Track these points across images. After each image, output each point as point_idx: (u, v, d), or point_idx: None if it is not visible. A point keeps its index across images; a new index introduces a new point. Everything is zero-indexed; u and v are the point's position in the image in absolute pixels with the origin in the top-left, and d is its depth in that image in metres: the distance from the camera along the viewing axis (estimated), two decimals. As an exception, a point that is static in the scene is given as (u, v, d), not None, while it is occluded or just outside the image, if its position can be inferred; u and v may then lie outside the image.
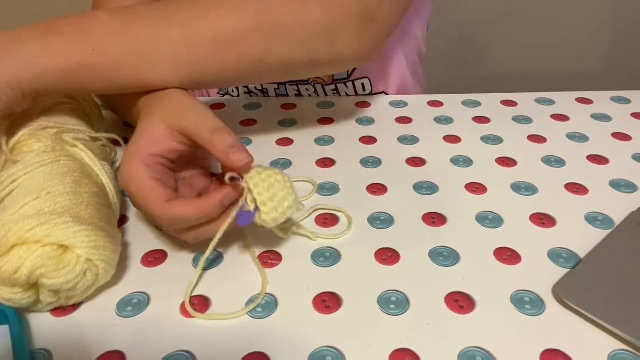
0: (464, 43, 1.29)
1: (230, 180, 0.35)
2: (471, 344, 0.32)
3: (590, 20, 1.26)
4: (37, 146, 0.40)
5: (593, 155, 0.50)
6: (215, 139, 0.35)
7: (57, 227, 0.33)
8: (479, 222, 0.42)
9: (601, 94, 0.62)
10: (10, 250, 0.32)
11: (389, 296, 0.36)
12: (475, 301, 0.35)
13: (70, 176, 0.37)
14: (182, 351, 0.32)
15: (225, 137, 0.35)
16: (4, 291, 0.33)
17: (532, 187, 0.46)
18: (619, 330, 0.32)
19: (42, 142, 0.40)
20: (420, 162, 0.50)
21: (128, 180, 0.36)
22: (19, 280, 0.32)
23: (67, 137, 0.41)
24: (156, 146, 0.37)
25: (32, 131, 0.41)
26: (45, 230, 0.32)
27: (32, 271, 0.32)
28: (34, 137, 0.40)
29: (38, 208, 0.34)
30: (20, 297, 0.33)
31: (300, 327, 0.34)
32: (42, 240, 0.32)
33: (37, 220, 0.33)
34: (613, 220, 0.42)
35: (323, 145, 0.54)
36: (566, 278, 0.36)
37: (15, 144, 0.40)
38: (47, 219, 0.33)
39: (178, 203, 0.35)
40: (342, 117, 0.59)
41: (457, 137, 0.54)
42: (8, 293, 0.33)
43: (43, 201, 0.35)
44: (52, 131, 0.41)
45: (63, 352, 0.32)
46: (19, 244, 0.32)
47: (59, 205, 0.35)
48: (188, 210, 0.34)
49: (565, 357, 0.31)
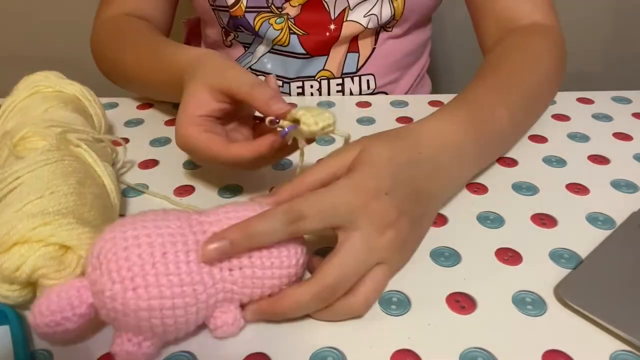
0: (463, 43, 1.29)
1: (270, 123, 0.38)
2: (472, 345, 0.32)
3: (591, 20, 1.26)
4: (41, 144, 0.40)
5: (594, 155, 0.50)
6: (256, 93, 0.38)
7: (62, 227, 0.33)
8: (480, 222, 0.42)
9: (602, 93, 0.62)
10: (12, 248, 0.32)
11: (390, 296, 0.35)
12: (477, 301, 0.35)
13: (74, 177, 0.37)
14: (182, 352, 0.32)
15: (264, 90, 0.38)
16: (1, 288, 0.33)
17: (533, 187, 0.46)
18: (620, 330, 0.32)
19: (46, 140, 0.40)
20: (421, 162, 0.50)
21: (185, 141, 0.41)
22: (19, 279, 0.32)
23: (72, 136, 0.41)
24: (202, 108, 0.40)
25: (37, 128, 0.41)
26: (50, 230, 0.32)
27: (34, 270, 0.32)
28: (39, 134, 0.40)
29: (42, 207, 0.34)
30: (17, 294, 0.33)
31: (301, 327, 0.34)
32: (46, 239, 0.32)
33: (41, 220, 0.32)
34: (614, 221, 0.42)
35: (323, 145, 0.53)
36: (567, 278, 0.36)
37: (20, 139, 0.40)
38: (52, 219, 0.33)
39: (234, 146, 0.39)
40: (342, 117, 0.59)
41: (458, 137, 0.54)
42: (6, 290, 0.33)
43: (47, 200, 0.34)
44: (56, 130, 0.41)
45: (63, 353, 0.32)
46: (20, 242, 0.32)
47: (63, 205, 0.35)
48: (244, 152, 0.39)
49: (567, 357, 0.31)
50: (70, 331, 0.30)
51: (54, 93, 0.47)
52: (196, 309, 0.30)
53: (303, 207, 0.32)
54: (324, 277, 0.31)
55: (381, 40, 0.67)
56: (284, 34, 0.64)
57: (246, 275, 0.31)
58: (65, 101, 0.47)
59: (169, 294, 0.29)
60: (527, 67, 0.51)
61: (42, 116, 0.44)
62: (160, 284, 0.29)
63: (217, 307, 0.32)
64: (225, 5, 0.63)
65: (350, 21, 0.63)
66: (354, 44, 0.66)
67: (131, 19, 0.62)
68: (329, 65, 0.66)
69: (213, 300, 0.31)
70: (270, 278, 0.32)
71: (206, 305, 0.31)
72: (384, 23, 0.64)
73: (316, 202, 0.32)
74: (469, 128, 0.42)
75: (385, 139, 0.37)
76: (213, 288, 0.31)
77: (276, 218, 0.31)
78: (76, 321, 0.30)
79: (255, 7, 0.63)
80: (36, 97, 0.46)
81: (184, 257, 0.30)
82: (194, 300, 0.30)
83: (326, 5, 0.63)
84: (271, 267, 0.32)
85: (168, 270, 0.29)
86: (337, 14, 0.63)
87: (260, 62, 0.68)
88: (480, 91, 0.47)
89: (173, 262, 0.29)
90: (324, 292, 0.31)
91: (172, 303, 0.29)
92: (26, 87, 0.47)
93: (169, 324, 0.29)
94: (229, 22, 0.66)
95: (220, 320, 0.32)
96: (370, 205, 0.33)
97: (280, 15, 0.63)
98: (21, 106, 0.45)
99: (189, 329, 0.32)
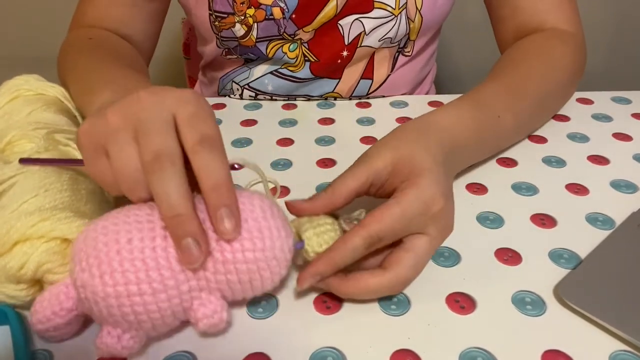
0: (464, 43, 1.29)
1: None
2: (472, 345, 0.32)
3: (591, 20, 1.26)
4: (29, 146, 0.39)
5: (594, 155, 0.50)
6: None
7: (60, 221, 0.33)
8: (480, 222, 0.42)
9: (602, 94, 0.62)
10: (13, 247, 0.32)
11: (390, 297, 0.35)
12: (476, 302, 0.35)
13: (67, 174, 0.37)
14: (183, 352, 0.32)
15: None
16: (8, 288, 0.33)
17: (533, 188, 0.46)
18: (620, 330, 0.32)
19: (34, 143, 0.39)
20: (420, 162, 0.50)
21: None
22: (25, 277, 0.32)
23: (59, 137, 0.41)
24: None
25: (23, 132, 0.40)
26: (49, 225, 0.32)
27: (38, 266, 0.32)
28: (26, 137, 0.40)
29: (38, 205, 0.34)
30: (25, 293, 0.33)
31: (301, 327, 0.34)
32: (46, 235, 0.32)
33: (39, 216, 0.32)
34: (614, 221, 0.42)
35: (323, 145, 0.53)
36: (567, 278, 0.36)
37: (6, 144, 0.40)
38: (50, 215, 0.33)
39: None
40: (342, 117, 0.59)
41: (458, 137, 0.54)
42: (13, 290, 0.33)
43: (42, 198, 0.34)
44: (42, 132, 0.41)
45: (64, 353, 0.32)
46: (22, 240, 0.32)
47: (59, 201, 0.35)
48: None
49: (567, 357, 0.31)
50: (61, 326, 0.31)
51: (35, 96, 0.46)
52: (166, 296, 0.30)
53: (381, 233, 0.33)
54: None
55: (397, 66, 0.65)
56: (299, 60, 0.62)
57: (216, 260, 0.30)
58: (47, 103, 0.46)
59: (133, 278, 0.29)
60: (542, 74, 0.51)
61: (26, 119, 0.43)
62: (125, 269, 0.29)
63: (194, 297, 0.31)
64: (233, 36, 0.60)
65: (365, 47, 0.61)
66: (369, 70, 0.64)
67: (107, 42, 0.57)
68: (340, 88, 0.64)
69: (186, 287, 0.30)
70: (243, 262, 0.30)
71: (178, 293, 0.30)
72: (397, 42, 0.62)
73: (391, 224, 0.33)
74: (473, 133, 0.42)
75: (415, 139, 0.37)
76: (182, 274, 0.30)
77: (357, 247, 0.33)
78: (64, 316, 0.30)
79: (267, 37, 0.60)
80: (18, 101, 0.45)
81: (150, 242, 0.29)
82: (161, 286, 0.29)
83: (341, 29, 0.60)
84: (242, 249, 0.31)
85: (132, 256, 0.29)
86: (351, 39, 0.60)
87: (259, 82, 0.65)
88: (490, 92, 0.47)
89: (138, 247, 0.29)
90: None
91: (137, 288, 0.29)
92: (6, 91, 0.46)
93: (139, 311, 0.29)
94: (236, 48, 0.62)
95: (200, 312, 0.31)
96: (432, 211, 0.34)
97: (294, 41, 0.61)
98: (3, 111, 0.44)
99: (165, 320, 0.31)
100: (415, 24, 0.61)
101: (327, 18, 0.59)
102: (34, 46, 1.24)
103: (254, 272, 0.31)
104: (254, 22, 0.59)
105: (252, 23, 0.59)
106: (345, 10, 0.59)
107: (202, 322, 0.31)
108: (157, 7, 0.63)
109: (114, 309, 0.29)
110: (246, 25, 0.59)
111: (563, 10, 0.57)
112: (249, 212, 0.31)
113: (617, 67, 1.34)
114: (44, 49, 1.21)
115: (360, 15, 0.59)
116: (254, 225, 0.31)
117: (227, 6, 0.58)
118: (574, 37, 0.56)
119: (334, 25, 0.60)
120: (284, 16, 0.58)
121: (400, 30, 0.60)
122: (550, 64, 0.52)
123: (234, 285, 0.31)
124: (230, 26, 0.59)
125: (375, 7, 0.58)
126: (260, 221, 0.31)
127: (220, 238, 0.30)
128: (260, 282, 0.31)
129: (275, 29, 0.59)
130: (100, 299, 0.29)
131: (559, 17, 0.57)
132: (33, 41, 1.24)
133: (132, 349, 0.31)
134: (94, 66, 0.49)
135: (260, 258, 0.31)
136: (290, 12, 0.58)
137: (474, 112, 0.43)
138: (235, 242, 0.30)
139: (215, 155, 0.30)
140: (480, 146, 0.45)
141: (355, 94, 0.65)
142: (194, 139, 0.31)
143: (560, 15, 0.57)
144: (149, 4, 0.61)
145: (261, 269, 0.31)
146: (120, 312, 0.29)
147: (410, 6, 0.59)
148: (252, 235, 0.31)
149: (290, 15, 0.58)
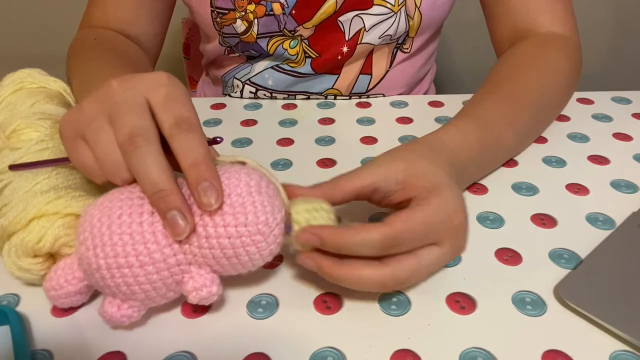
0: (464, 43, 1.29)
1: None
2: (472, 345, 0.32)
3: (590, 20, 1.26)
4: (35, 135, 0.40)
5: (594, 155, 0.50)
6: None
7: (74, 199, 0.34)
8: (480, 222, 0.42)
9: (602, 94, 0.62)
10: (30, 223, 0.33)
11: (390, 297, 0.35)
12: (477, 302, 0.35)
13: None
14: (183, 352, 0.32)
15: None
16: (24, 262, 0.34)
17: (533, 188, 0.46)
18: (620, 330, 0.32)
19: (39, 131, 0.40)
20: (421, 162, 0.50)
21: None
22: (42, 250, 0.33)
23: None
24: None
25: (28, 121, 0.41)
26: (63, 202, 0.34)
27: (55, 240, 0.33)
28: (31, 126, 0.41)
29: (52, 184, 0.36)
30: (39, 267, 0.34)
31: (301, 327, 0.34)
32: (61, 211, 0.34)
33: (55, 194, 0.34)
34: (614, 221, 0.42)
35: (323, 145, 0.53)
36: (567, 278, 0.36)
37: (12, 132, 0.41)
38: (64, 193, 0.35)
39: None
40: (342, 117, 0.59)
41: (458, 137, 0.54)
42: (28, 263, 0.34)
43: (55, 179, 0.36)
44: (47, 122, 0.41)
45: (64, 353, 0.32)
46: (37, 216, 0.33)
47: (72, 182, 0.37)
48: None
49: (567, 357, 0.31)
50: (71, 294, 0.33)
51: (38, 89, 0.47)
52: (154, 268, 0.31)
53: (402, 234, 0.32)
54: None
55: (396, 62, 0.65)
56: (300, 57, 0.62)
57: (199, 235, 0.31)
58: (50, 96, 0.47)
59: (121, 251, 0.30)
60: (540, 84, 0.51)
61: (30, 110, 0.44)
62: (114, 243, 0.30)
63: (184, 271, 0.32)
64: (235, 33, 0.61)
65: (365, 43, 0.61)
66: (367, 65, 0.64)
67: (110, 42, 0.57)
68: (339, 84, 0.64)
69: (173, 260, 0.31)
70: (226, 237, 0.31)
71: (166, 266, 0.31)
72: (396, 38, 0.62)
73: (413, 227, 0.32)
74: (477, 155, 0.43)
75: (428, 157, 0.37)
76: (169, 248, 0.31)
77: (372, 244, 0.32)
78: (75, 284, 0.33)
79: (267, 33, 0.61)
80: (21, 93, 0.46)
81: (137, 217, 0.31)
82: (148, 259, 0.30)
83: (341, 26, 0.60)
84: (224, 224, 0.31)
85: (120, 230, 0.30)
86: (351, 35, 0.61)
87: (260, 76, 0.65)
88: (490, 109, 0.47)
89: (126, 222, 0.31)
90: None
91: (125, 261, 0.30)
92: (10, 83, 0.47)
93: (130, 282, 0.31)
94: (237, 45, 0.63)
95: (190, 285, 0.32)
96: (453, 223, 0.34)
97: (294, 38, 0.61)
98: (7, 102, 0.45)
99: (158, 292, 0.32)
100: (415, 21, 0.61)
101: (327, 14, 0.59)
102: (34, 46, 1.24)
103: (237, 247, 0.31)
104: (254, 17, 0.59)
105: (252, 19, 0.59)
106: (345, 6, 0.59)
107: (191, 294, 0.32)
108: (162, 7, 0.63)
109: (107, 280, 0.31)
110: (247, 21, 0.60)
111: (556, 11, 0.57)
112: (234, 187, 0.32)
113: (617, 67, 1.34)
114: (48, 48, 1.21)
115: (360, 11, 0.59)
116: (237, 200, 0.31)
117: (228, 2, 0.59)
118: (568, 41, 0.56)
119: (334, 22, 0.60)
120: (283, 12, 0.59)
121: (400, 28, 0.61)
122: (548, 73, 0.52)
123: (220, 260, 0.32)
124: (231, 22, 0.60)
125: (374, 4, 0.59)
126: (244, 196, 0.32)
127: (203, 212, 0.31)
128: (248, 257, 0.32)
129: (275, 25, 0.60)
130: (94, 270, 0.31)
131: (553, 18, 0.57)
132: (34, 41, 1.24)
133: (131, 318, 0.33)
134: (94, 65, 0.51)
135: (243, 233, 0.31)
136: (290, 7, 0.59)
137: (478, 133, 0.43)
138: (217, 217, 0.31)
139: (192, 136, 0.31)
140: (482, 166, 0.46)
141: (354, 91, 0.65)
142: (169, 121, 0.32)
143: (553, 16, 0.57)
144: (154, 4, 0.62)
145: (245, 244, 0.31)
146: (114, 282, 0.31)
147: (410, 3, 0.59)
148: (234, 210, 0.31)
149: (290, 11, 0.59)
